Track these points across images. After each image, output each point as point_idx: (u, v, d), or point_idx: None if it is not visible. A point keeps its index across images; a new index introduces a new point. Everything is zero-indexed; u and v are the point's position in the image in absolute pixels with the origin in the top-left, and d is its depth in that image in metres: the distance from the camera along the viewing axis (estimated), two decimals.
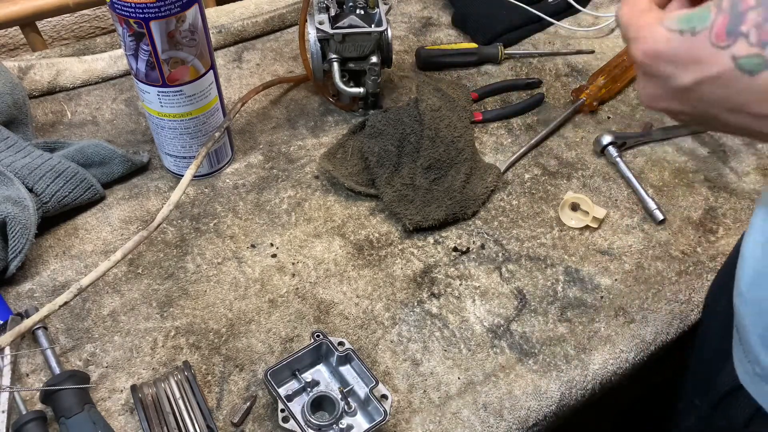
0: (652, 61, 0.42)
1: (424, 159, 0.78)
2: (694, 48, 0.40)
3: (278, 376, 0.61)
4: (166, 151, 0.79)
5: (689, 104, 0.42)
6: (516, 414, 0.63)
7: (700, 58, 0.40)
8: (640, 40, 0.43)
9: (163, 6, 0.64)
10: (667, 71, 0.42)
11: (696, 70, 0.40)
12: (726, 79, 0.39)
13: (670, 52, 0.41)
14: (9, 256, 0.69)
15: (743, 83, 0.38)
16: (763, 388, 0.53)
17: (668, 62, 0.41)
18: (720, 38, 0.38)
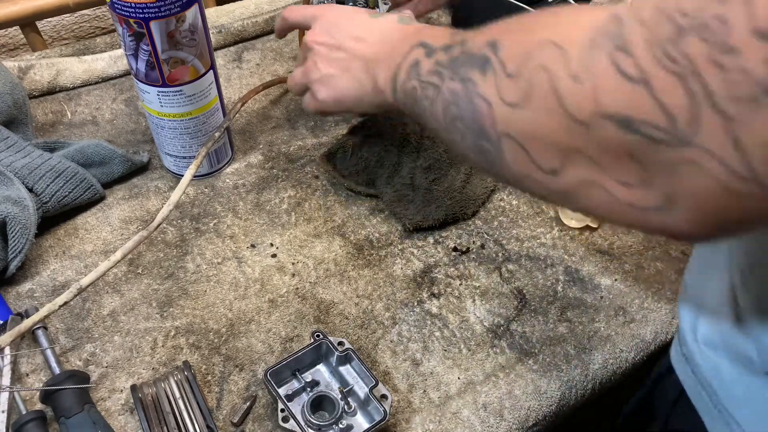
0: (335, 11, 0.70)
1: (424, 159, 0.78)
2: (356, 8, 0.70)
3: (278, 376, 0.61)
4: (166, 151, 0.79)
5: (333, 36, 0.66)
6: (516, 414, 0.63)
7: (353, 12, 0.69)
8: (331, 4, 0.76)
9: (163, 6, 0.64)
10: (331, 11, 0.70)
11: (348, 12, 0.69)
12: (360, 19, 0.67)
13: (348, 9, 0.70)
14: (9, 256, 0.69)
15: (366, 21, 0.67)
16: (686, 370, 0.54)
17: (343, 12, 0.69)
18: (370, 12, 0.69)
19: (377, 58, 0.61)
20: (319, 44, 0.66)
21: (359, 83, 0.63)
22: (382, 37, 0.62)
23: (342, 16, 0.67)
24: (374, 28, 0.64)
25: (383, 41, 0.62)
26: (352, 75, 0.64)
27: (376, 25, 0.64)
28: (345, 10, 0.68)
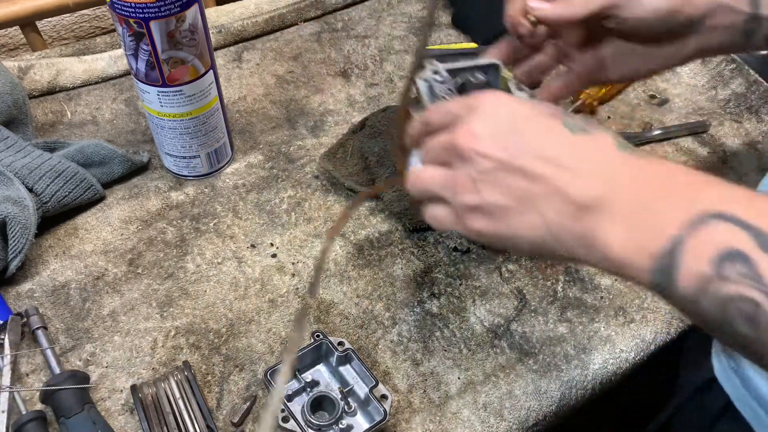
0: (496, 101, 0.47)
1: None
2: (535, 103, 0.47)
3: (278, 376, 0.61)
4: (166, 151, 0.79)
5: (506, 147, 0.45)
6: (516, 414, 0.63)
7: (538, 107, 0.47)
8: (483, 95, 0.48)
9: (163, 6, 0.64)
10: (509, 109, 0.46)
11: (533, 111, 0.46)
12: (552, 128, 0.45)
13: (515, 101, 0.47)
14: (9, 256, 0.69)
15: (564, 135, 0.44)
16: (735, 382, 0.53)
17: (511, 104, 0.47)
18: (555, 111, 0.46)
19: (602, 206, 0.41)
20: (484, 156, 0.45)
21: (553, 232, 0.43)
22: (602, 170, 0.43)
23: (520, 118, 0.46)
24: (582, 151, 0.44)
25: (608, 178, 0.42)
26: (540, 216, 0.44)
27: (584, 146, 0.44)
28: (520, 107, 0.47)
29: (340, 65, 0.96)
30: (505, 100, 0.47)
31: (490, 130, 0.46)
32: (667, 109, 0.91)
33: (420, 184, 0.51)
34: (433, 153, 0.50)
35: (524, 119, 0.46)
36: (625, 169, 0.42)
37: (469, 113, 0.47)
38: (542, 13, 0.56)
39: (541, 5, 0.56)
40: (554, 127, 0.45)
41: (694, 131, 0.88)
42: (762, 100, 0.92)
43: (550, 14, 0.56)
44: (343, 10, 1.04)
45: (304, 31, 1.01)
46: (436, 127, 0.50)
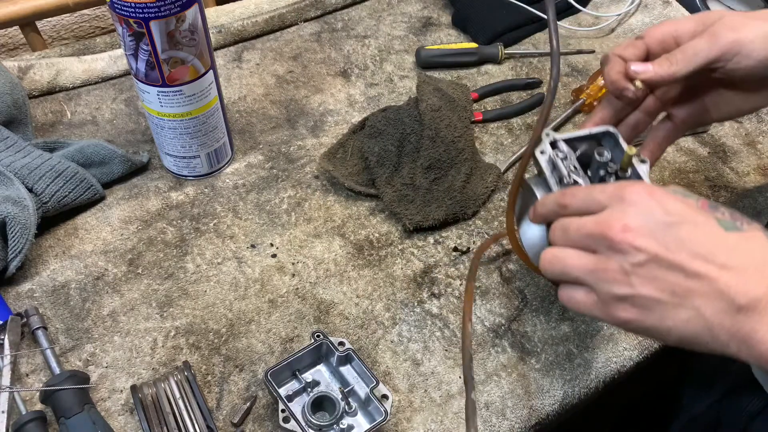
0: (649, 194, 0.47)
1: (425, 159, 0.78)
2: (685, 203, 0.47)
3: (278, 376, 0.61)
4: (166, 151, 0.79)
5: (661, 241, 0.46)
6: (518, 413, 0.63)
7: (688, 209, 0.47)
8: (636, 184, 0.49)
9: (162, 6, 0.64)
10: (661, 205, 0.47)
11: (685, 214, 0.46)
12: (705, 227, 0.46)
13: (666, 195, 0.47)
14: (9, 256, 0.69)
15: (718, 234, 0.45)
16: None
17: (662, 200, 0.47)
18: (704, 207, 0.47)
19: (757, 308, 0.43)
20: (639, 249, 0.46)
21: (709, 328, 0.45)
22: (762, 271, 0.44)
23: (674, 214, 0.46)
24: (737, 250, 0.45)
25: (763, 280, 0.44)
26: (696, 312, 0.45)
27: (739, 244, 0.45)
28: (672, 202, 0.47)
29: (340, 65, 0.96)
30: (657, 194, 0.48)
31: (644, 224, 0.46)
32: None
33: (560, 266, 0.51)
34: (575, 238, 0.50)
35: (678, 215, 0.46)
36: None
37: (620, 204, 0.48)
38: (646, 77, 0.56)
39: (644, 68, 0.56)
40: (708, 224, 0.46)
41: (695, 131, 0.88)
42: None
43: (653, 76, 0.55)
44: (343, 10, 1.04)
45: (304, 31, 1.01)
46: (576, 211, 0.51)
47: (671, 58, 0.55)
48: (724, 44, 0.53)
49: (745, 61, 0.54)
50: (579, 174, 0.57)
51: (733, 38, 0.53)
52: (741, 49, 0.53)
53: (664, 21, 0.58)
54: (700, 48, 0.54)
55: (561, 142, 0.58)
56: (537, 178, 0.59)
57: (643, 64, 0.56)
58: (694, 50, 0.54)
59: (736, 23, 0.54)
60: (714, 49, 0.54)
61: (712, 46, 0.54)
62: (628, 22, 1.04)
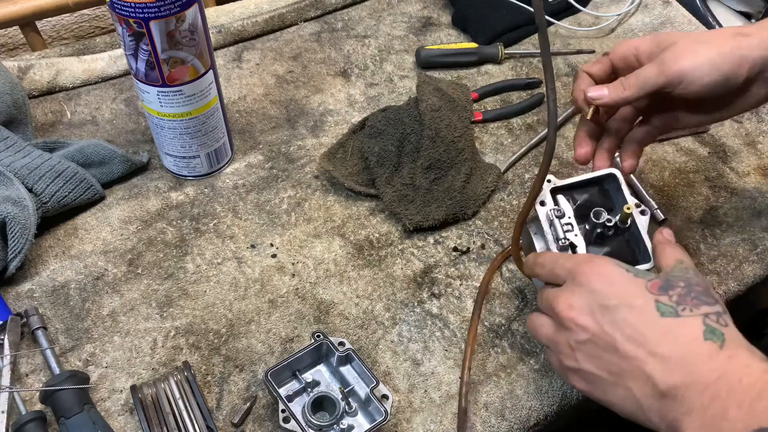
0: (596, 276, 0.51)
1: (425, 159, 0.78)
2: (631, 283, 0.50)
3: (279, 376, 0.61)
4: (165, 151, 0.79)
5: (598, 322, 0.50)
6: (517, 414, 0.63)
7: (631, 290, 0.50)
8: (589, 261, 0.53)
9: (162, 6, 0.64)
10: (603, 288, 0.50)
11: (625, 296, 0.49)
12: (642, 311, 0.48)
13: (613, 276, 0.51)
14: (8, 256, 0.69)
15: (653, 319, 0.48)
16: None
17: (607, 283, 0.51)
18: (653, 289, 0.50)
19: (682, 397, 0.45)
20: (579, 326, 0.51)
21: (641, 408, 0.48)
22: (685, 362, 0.46)
23: (613, 294, 0.50)
24: (667, 337, 0.47)
25: (690, 371, 0.46)
26: (628, 392, 0.48)
27: (670, 331, 0.47)
28: (616, 279, 0.51)
29: (340, 65, 0.96)
30: (606, 274, 0.51)
31: (586, 304, 0.51)
32: None
33: (533, 331, 0.57)
34: (542, 306, 0.56)
35: (619, 298, 0.50)
36: (707, 366, 0.45)
37: (571, 282, 0.53)
38: (601, 102, 0.61)
39: (600, 94, 0.61)
40: (646, 308, 0.49)
41: (695, 131, 0.88)
42: None
43: (608, 101, 0.60)
44: (343, 10, 1.04)
45: (304, 31, 1.01)
46: (546, 280, 0.57)
47: (625, 83, 0.60)
48: (670, 73, 0.58)
49: (691, 87, 0.58)
50: (575, 234, 0.60)
51: (677, 68, 0.57)
52: (685, 77, 0.57)
53: (627, 40, 0.63)
54: (648, 75, 0.59)
55: (559, 197, 0.62)
56: (537, 226, 0.62)
57: (599, 90, 0.61)
58: (645, 77, 0.59)
59: (684, 51, 0.58)
60: (661, 77, 0.58)
61: (659, 74, 0.58)
62: (628, 22, 1.04)
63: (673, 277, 0.51)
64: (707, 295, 0.49)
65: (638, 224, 0.60)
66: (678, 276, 0.51)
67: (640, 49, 0.61)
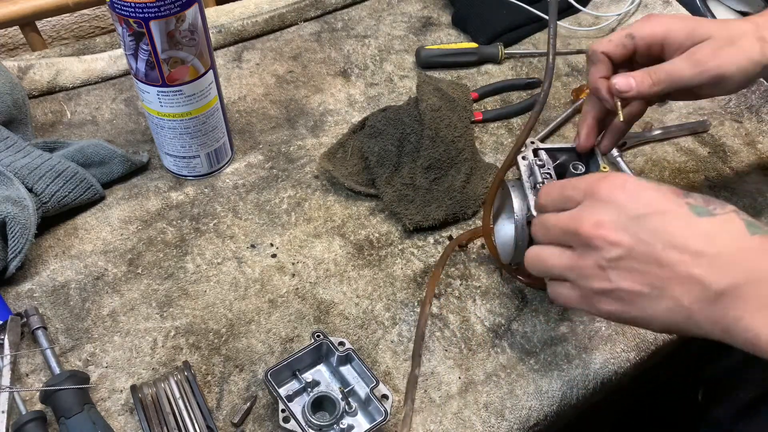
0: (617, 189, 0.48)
1: (425, 159, 0.78)
2: (656, 190, 0.48)
3: (278, 376, 0.61)
4: (165, 151, 0.79)
5: (633, 234, 0.46)
6: (517, 414, 0.63)
7: (658, 198, 0.47)
8: (607, 177, 0.49)
9: (162, 6, 0.64)
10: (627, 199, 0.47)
11: (653, 204, 0.47)
12: (676, 215, 0.46)
13: (636, 186, 0.48)
14: (8, 256, 0.69)
15: (690, 221, 0.45)
16: None
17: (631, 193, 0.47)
18: (677, 194, 0.47)
19: (742, 294, 0.43)
20: (612, 244, 0.47)
21: (690, 316, 0.45)
22: (738, 258, 0.44)
23: (644, 204, 0.47)
24: (711, 237, 0.45)
25: (746, 267, 0.43)
26: (676, 302, 0.45)
27: (712, 230, 0.45)
28: (642, 191, 0.48)
29: (340, 65, 0.96)
30: (629, 186, 0.48)
31: (616, 218, 0.47)
32: (668, 108, 0.91)
33: (541, 265, 0.53)
34: (553, 235, 0.52)
35: (649, 206, 0.47)
36: (762, 255, 0.43)
37: (591, 199, 0.49)
38: (628, 95, 0.58)
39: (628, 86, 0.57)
40: (680, 211, 0.46)
41: (695, 131, 0.88)
42: (762, 100, 0.92)
43: (635, 95, 0.57)
44: (343, 9, 1.04)
45: (304, 30, 1.01)
46: (553, 209, 0.53)
47: (654, 77, 0.57)
48: (707, 77, 0.56)
49: (718, 89, 0.57)
50: (554, 179, 0.61)
51: (716, 72, 0.56)
52: (722, 81, 0.56)
53: (654, 19, 0.59)
54: (683, 74, 0.56)
55: (542, 151, 0.63)
56: (516, 182, 0.64)
57: (626, 81, 0.57)
58: (679, 75, 0.57)
59: (719, 53, 0.56)
60: (696, 78, 0.56)
61: (696, 74, 0.56)
62: (628, 22, 1.04)
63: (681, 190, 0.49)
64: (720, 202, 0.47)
65: None
66: None
67: (670, 36, 0.58)
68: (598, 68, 0.60)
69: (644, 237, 0.46)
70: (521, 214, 0.63)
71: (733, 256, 0.44)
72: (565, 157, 0.65)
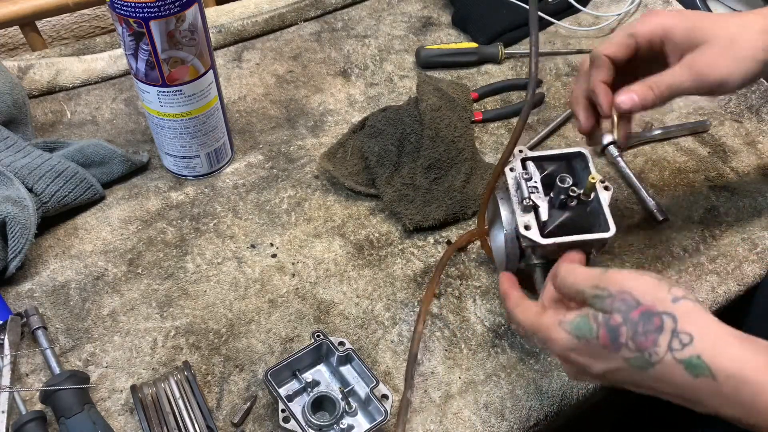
0: (568, 355, 0.50)
1: (425, 159, 0.78)
2: (593, 350, 0.48)
3: (279, 376, 0.61)
4: (165, 150, 0.79)
5: (607, 381, 0.49)
6: (517, 414, 0.63)
7: (600, 356, 0.47)
8: (551, 342, 0.50)
9: (162, 5, 0.64)
10: (582, 362, 0.49)
11: (601, 363, 0.48)
12: (626, 370, 0.47)
13: (578, 349, 0.49)
14: (9, 256, 0.69)
15: (640, 374, 0.46)
16: None
17: (579, 355, 0.49)
18: (607, 347, 0.47)
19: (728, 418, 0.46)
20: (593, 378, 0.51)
21: None
22: (697, 401, 0.46)
23: (590, 362, 0.49)
24: (664, 386, 0.47)
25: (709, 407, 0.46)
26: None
27: (662, 382, 0.46)
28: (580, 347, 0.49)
29: (340, 65, 0.96)
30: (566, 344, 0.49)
31: (580, 370, 0.50)
32: (668, 108, 0.91)
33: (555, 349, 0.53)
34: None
35: (597, 361, 0.48)
36: (721, 401, 0.44)
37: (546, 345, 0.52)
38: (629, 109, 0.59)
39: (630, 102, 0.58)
40: (623, 368, 0.47)
41: (695, 131, 0.88)
42: (762, 100, 0.92)
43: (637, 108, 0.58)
44: (343, 9, 1.04)
45: (304, 30, 1.01)
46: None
47: (656, 91, 0.57)
48: (706, 84, 0.56)
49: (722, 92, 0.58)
50: (540, 197, 0.62)
51: (715, 78, 0.56)
52: (723, 86, 0.57)
53: (654, 16, 0.59)
54: (682, 84, 0.57)
55: (529, 162, 0.64)
56: (505, 194, 0.64)
57: (629, 98, 0.58)
58: (678, 85, 0.57)
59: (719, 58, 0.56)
60: (699, 87, 0.57)
61: (697, 85, 0.57)
62: (628, 22, 1.04)
63: (604, 318, 0.47)
64: (648, 317, 0.46)
65: (601, 198, 0.61)
66: (604, 307, 0.48)
67: (669, 35, 0.58)
68: (600, 71, 0.60)
69: (618, 383, 0.49)
70: (510, 228, 0.63)
71: (694, 398, 0.45)
72: (554, 167, 0.64)
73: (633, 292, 0.47)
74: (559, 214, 0.62)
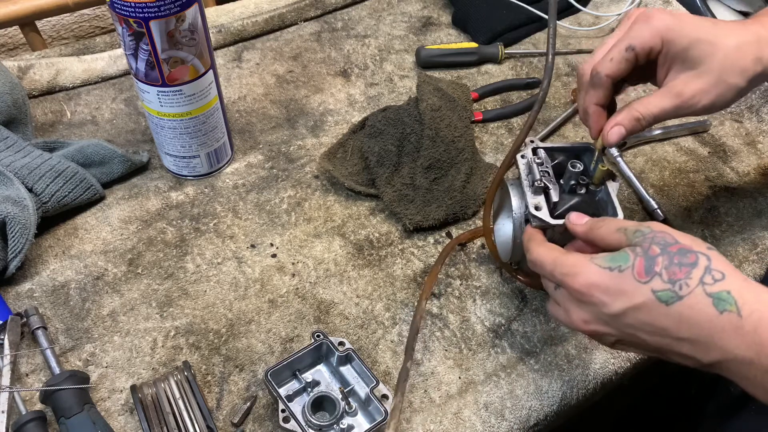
0: (588, 290, 0.50)
1: (425, 159, 0.78)
2: (620, 283, 0.49)
3: (279, 376, 0.61)
4: (165, 150, 0.79)
5: (617, 328, 0.50)
6: (517, 414, 0.63)
7: (626, 290, 0.49)
8: (574, 276, 0.51)
9: (162, 5, 0.64)
10: (601, 299, 0.50)
11: (624, 299, 0.49)
12: (648, 307, 0.48)
13: (603, 283, 0.50)
14: (8, 256, 0.69)
15: (661, 311, 0.47)
16: None
17: (602, 292, 0.50)
18: (641, 275, 0.48)
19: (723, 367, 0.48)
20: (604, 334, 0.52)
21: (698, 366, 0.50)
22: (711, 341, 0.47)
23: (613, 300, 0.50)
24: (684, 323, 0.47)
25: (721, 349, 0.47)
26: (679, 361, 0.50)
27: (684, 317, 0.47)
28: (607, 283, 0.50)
29: (340, 65, 0.96)
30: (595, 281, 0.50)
31: (597, 317, 0.51)
32: None
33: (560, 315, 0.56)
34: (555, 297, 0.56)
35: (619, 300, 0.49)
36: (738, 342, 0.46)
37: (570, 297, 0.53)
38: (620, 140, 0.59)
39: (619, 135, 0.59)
40: (649, 303, 0.48)
41: (695, 131, 0.88)
42: (762, 100, 0.92)
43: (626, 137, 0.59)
44: (343, 9, 1.04)
45: (304, 30, 1.01)
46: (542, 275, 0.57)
47: (643, 122, 0.58)
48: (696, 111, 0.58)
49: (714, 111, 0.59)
50: (551, 180, 0.62)
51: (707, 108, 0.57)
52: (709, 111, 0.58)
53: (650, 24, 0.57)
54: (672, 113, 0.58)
55: (541, 150, 0.65)
56: (515, 181, 0.65)
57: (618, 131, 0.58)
58: (667, 114, 0.58)
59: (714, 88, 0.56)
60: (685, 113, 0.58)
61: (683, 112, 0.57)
62: None
63: (642, 249, 0.49)
64: (685, 253, 0.48)
65: (609, 189, 0.62)
66: (644, 242, 0.49)
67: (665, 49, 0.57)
68: (597, 93, 0.59)
69: (628, 330, 0.50)
70: (519, 212, 0.64)
71: (710, 339, 0.47)
72: (563, 156, 0.65)
73: (673, 233, 0.50)
74: (569, 198, 0.62)
